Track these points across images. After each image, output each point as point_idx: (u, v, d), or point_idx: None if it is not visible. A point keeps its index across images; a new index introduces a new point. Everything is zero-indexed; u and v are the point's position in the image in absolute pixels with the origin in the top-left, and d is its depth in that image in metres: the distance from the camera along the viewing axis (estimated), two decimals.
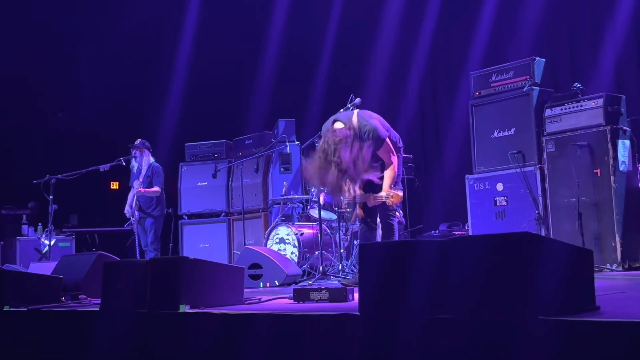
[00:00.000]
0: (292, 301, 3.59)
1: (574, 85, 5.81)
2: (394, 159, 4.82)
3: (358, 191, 4.53)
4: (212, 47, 9.95)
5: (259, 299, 3.83)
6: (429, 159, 9.27)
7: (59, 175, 7.59)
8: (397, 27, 8.89)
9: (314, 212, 6.70)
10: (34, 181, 7.60)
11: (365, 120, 4.72)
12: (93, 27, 10.34)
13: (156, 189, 7.52)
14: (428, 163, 9.21)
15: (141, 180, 7.49)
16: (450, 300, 2.36)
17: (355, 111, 4.91)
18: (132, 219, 7.53)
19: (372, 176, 4.49)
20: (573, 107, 5.62)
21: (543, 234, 5.55)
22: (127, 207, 7.59)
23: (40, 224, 9.09)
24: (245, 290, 3.92)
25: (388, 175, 4.76)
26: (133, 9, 9.57)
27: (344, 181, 4.37)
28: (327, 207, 6.59)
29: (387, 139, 4.77)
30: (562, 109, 5.69)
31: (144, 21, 9.57)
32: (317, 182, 4.85)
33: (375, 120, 4.78)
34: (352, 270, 6.03)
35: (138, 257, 7.39)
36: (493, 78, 6.22)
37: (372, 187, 4.74)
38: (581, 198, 5.38)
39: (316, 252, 6.41)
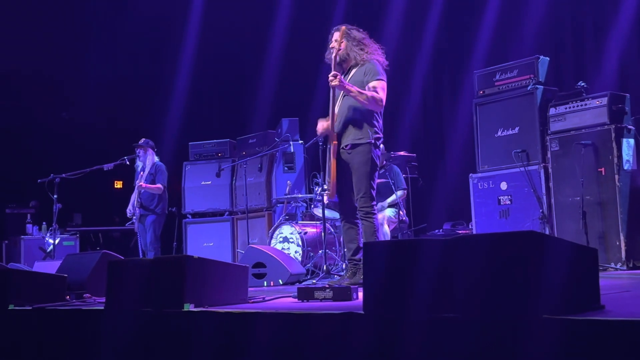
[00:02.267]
0: (296, 300, 3.59)
1: (578, 84, 5.80)
2: (383, 97, 4.57)
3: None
4: (216, 46, 9.96)
5: (263, 298, 3.84)
6: (433, 158, 9.26)
7: (63, 175, 7.61)
8: (400, 25, 8.88)
9: (318, 211, 6.71)
10: (39, 180, 7.63)
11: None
12: (98, 27, 10.37)
13: (158, 185, 7.52)
14: (432, 162, 9.21)
15: (142, 174, 7.48)
16: (455, 299, 2.36)
17: None
18: (133, 218, 7.53)
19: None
20: (577, 106, 5.61)
21: (547, 232, 5.54)
22: (129, 207, 7.59)
23: (44, 222, 9.11)
24: (249, 289, 3.92)
25: (368, 92, 4.51)
26: (138, 8, 9.59)
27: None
28: (331, 206, 6.59)
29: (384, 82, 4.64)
30: (566, 108, 5.68)
31: (149, 21, 9.60)
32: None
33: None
34: None
35: (141, 256, 7.39)
36: (497, 77, 6.22)
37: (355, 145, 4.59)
38: (585, 197, 5.37)
39: (320, 251, 6.41)
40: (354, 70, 4.69)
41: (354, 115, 4.62)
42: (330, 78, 4.50)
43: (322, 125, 4.79)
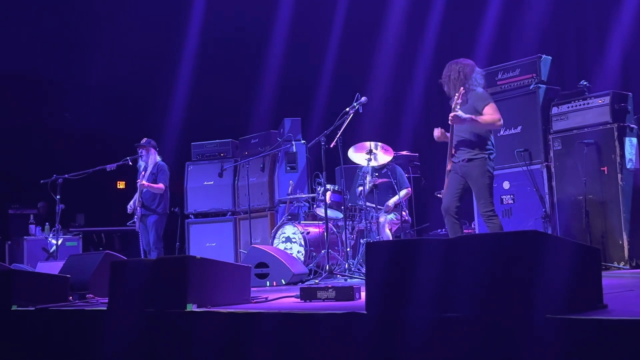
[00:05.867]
0: (298, 300, 3.59)
1: (581, 83, 5.79)
2: (498, 115, 4.98)
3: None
4: (217, 46, 9.97)
5: (266, 298, 3.84)
6: (435, 157, 9.24)
7: (66, 175, 7.61)
8: (402, 24, 8.88)
9: (320, 211, 6.70)
10: (41, 181, 7.63)
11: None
12: (100, 27, 10.38)
13: (160, 185, 7.50)
14: (434, 161, 9.18)
15: (144, 173, 7.46)
16: (457, 299, 2.36)
17: None
18: (134, 217, 7.51)
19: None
20: (580, 105, 5.60)
21: (550, 232, 5.54)
22: (130, 204, 7.56)
23: (47, 223, 9.12)
24: (252, 289, 3.93)
25: (481, 117, 4.95)
26: (139, 9, 9.60)
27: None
28: (334, 205, 6.59)
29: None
30: (568, 107, 5.67)
31: (150, 22, 9.60)
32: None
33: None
34: (359, 269, 6.03)
35: (142, 257, 7.36)
36: (499, 76, 6.21)
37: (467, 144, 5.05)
38: (588, 196, 5.37)
39: (322, 251, 6.42)
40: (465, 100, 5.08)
41: (469, 135, 5.08)
42: (451, 119, 5.01)
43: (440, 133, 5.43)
